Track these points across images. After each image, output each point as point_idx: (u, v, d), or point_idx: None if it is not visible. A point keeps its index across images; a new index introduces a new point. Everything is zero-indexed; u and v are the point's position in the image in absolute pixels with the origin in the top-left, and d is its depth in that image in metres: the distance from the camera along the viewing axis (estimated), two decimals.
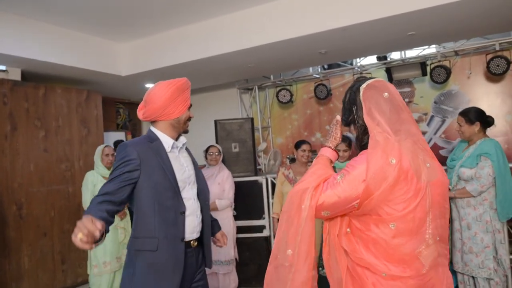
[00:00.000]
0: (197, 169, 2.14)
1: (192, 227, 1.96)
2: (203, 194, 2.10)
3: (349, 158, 3.93)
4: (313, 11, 4.04)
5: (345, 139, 3.41)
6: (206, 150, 4.06)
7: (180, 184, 1.93)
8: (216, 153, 4.04)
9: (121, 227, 3.86)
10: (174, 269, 1.82)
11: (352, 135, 1.53)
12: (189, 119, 2.05)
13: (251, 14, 4.38)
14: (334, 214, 1.41)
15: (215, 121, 5.41)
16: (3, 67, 4.41)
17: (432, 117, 5.49)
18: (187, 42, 4.76)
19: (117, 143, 5.60)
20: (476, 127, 2.94)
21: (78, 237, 1.40)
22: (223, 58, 4.72)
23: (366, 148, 1.38)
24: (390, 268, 1.33)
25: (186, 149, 2.16)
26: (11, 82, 4.31)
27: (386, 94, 1.39)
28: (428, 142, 5.50)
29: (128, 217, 4.00)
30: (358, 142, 1.47)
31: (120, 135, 6.32)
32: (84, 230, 1.41)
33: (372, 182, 1.28)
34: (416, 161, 1.34)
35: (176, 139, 2.04)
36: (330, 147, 1.56)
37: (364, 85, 1.42)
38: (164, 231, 1.83)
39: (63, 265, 4.64)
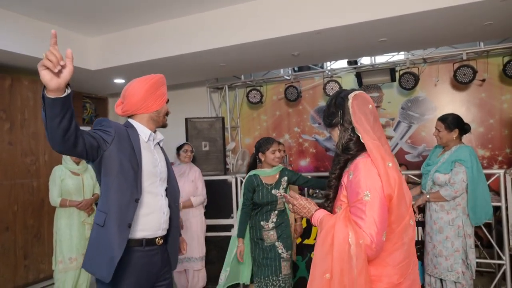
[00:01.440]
0: (170, 169, 2.11)
1: (158, 224, 1.93)
2: (173, 193, 2.08)
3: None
4: (288, 14, 4.00)
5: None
6: (180, 147, 4.00)
7: (149, 176, 1.91)
8: (190, 151, 4.02)
9: (88, 223, 3.74)
10: (115, 250, 1.74)
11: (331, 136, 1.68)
12: (167, 113, 2.07)
13: (226, 13, 4.29)
14: (387, 229, 1.44)
15: (186, 119, 5.30)
16: None
17: (399, 122, 5.58)
18: (159, 39, 4.63)
19: None
20: (455, 133, 2.96)
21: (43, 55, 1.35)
22: (195, 56, 4.62)
23: (350, 150, 1.54)
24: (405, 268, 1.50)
25: (161, 148, 2.14)
26: None
27: (370, 106, 1.56)
28: (394, 147, 5.59)
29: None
30: (341, 144, 1.56)
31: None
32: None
33: (387, 186, 1.41)
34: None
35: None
36: (317, 209, 1.62)
37: (352, 94, 1.55)
38: (114, 210, 1.78)
39: (25, 260, 4.56)
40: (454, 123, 2.98)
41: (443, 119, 3.03)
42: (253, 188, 3.07)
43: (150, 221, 1.89)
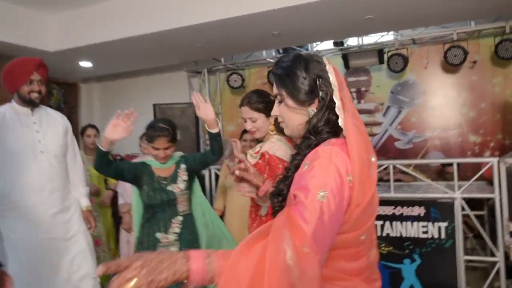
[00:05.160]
0: None
1: None
2: None
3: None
4: None
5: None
6: (141, 137, 3.52)
7: None
8: None
9: None
10: None
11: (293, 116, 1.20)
12: None
13: None
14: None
15: (154, 105, 4.94)
16: None
17: (388, 107, 5.29)
18: (127, 16, 4.21)
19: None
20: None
21: None
22: (167, 35, 4.22)
23: (323, 134, 1.14)
24: None
25: None
26: None
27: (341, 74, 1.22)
28: (384, 133, 5.31)
29: None
30: (313, 125, 1.15)
31: None
32: None
33: (360, 193, 1.04)
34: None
35: None
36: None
37: (325, 59, 1.18)
38: None
39: None
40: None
41: None
42: (136, 173, 2.34)
43: None
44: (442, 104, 5.05)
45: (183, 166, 2.43)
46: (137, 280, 0.86)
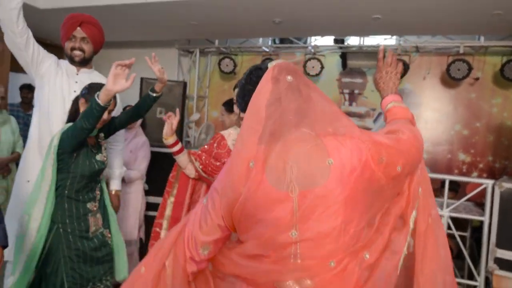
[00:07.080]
0: None
1: None
2: None
3: None
4: None
5: None
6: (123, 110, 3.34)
7: None
8: None
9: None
10: None
11: None
12: None
13: None
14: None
15: (142, 79, 4.71)
16: None
17: (379, 114, 5.11)
18: None
19: (24, 87, 4.78)
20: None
21: None
22: (162, 7, 3.97)
23: None
24: None
25: None
26: None
27: (289, 77, 1.09)
28: None
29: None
30: None
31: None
32: None
33: (226, 196, 1.09)
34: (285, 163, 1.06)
35: None
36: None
37: (273, 63, 1.15)
38: None
39: None
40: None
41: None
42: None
43: None
44: (435, 118, 4.90)
45: (101, 134, 2.22)
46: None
